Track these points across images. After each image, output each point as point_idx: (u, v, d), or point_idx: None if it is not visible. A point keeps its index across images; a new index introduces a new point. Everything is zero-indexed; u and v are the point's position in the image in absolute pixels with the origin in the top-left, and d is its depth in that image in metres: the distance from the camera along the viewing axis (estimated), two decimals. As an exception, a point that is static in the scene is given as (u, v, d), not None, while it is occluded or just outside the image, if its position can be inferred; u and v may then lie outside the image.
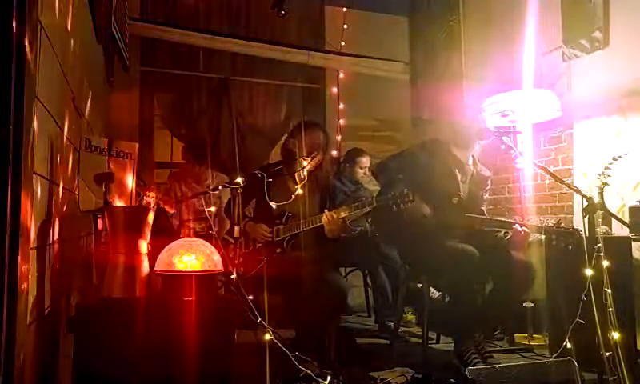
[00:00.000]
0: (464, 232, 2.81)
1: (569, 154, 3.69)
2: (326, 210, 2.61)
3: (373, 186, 3.86)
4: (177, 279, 1.65)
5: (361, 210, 2.58)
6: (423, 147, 2.95)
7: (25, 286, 1.25)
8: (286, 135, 3.02)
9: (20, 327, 1.20)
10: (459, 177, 2.84)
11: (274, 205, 2.68)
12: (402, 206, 2.48)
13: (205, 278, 1.66)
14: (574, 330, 2.24)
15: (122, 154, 2.13)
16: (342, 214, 2.56)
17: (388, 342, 3.19)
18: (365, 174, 4.06)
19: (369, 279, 3.81)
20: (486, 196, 3.00)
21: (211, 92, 4.99)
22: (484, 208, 2.98)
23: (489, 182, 2.99)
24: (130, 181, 2.11)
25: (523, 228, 2.63)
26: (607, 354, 2.09)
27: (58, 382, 1.79)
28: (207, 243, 1.77)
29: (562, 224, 2.60)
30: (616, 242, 2.69)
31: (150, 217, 1.71)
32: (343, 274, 3.72)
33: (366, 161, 4.10)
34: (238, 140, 5.00)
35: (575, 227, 2.60)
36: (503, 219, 3.02)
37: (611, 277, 2.11)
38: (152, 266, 1.72)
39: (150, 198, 1.80)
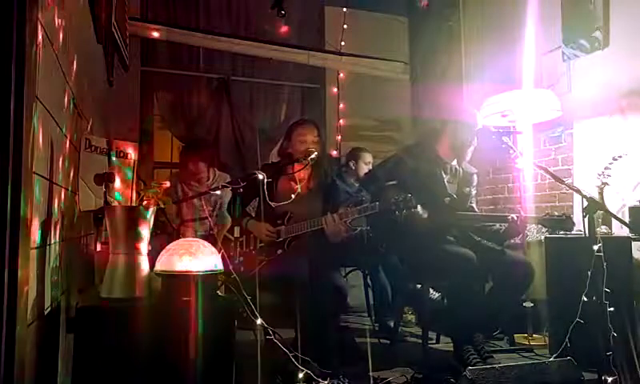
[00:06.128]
0: (460, 232, 2.81)
1: (569, 154, 3.69)
2: (328, 214, 2.61)
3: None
4: (177, 279, 1.65)
5: (363, 214, 2.58)
6: (408, 152, 2.96)
7: (25, 286, 1.25)
8: (282, 138, 3.02)
9: (20, 327, 1.20)
10: (445, 178, 2.85)
11: (274, 205, 2.68)
12: (404, 211, 2.49)
13: (205, 278, 1.66)
14: (574, 330, 2.24)
15: (122, 154, 2.13)
16: (345, 218, 2.57)
17: (388, 342, 3.19)
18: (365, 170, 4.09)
19: (369, 279, 3.81)
20: (474, 192, 3.01)
21: (211, 92, 4.99)
22: (474, 205, 2.99)
23: (475, 178, 3.00)
24: (130, 181, 2.11)
25: (518, 216, 2.64)
26: (607, 353, 2.09)
27: (57, 382, 1.79)
28: (207, 243, 1.77)
29: (556, 213, 2.63)
30: (616, 241, 2.69)
31: (150, 217, 1.71)
32: (343, 274, 3.72)
33: (369, 156, 4.17)
34: (238, 140, 5.00)
35: (568, 215, 2.62)
36: (496, 214, 3.03)
37: (611, 277, 2.11)
38: (152, 265, 1.71)
39: (150, 198, 1.80)
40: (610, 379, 2.08)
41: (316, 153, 2.75)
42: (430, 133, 3.00)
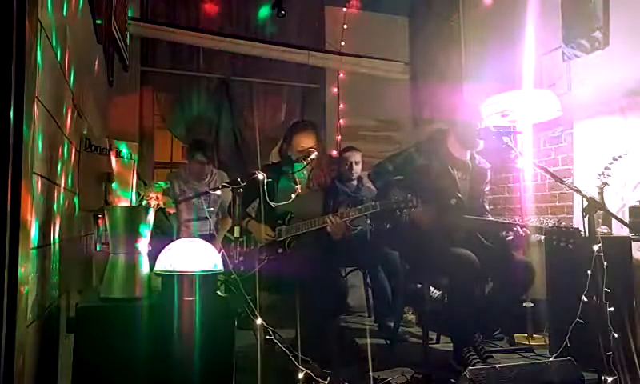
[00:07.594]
0: (464, 233, 2.81)
1: (569, 154, 3.69)
2: (330, 215, 2.62)
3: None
4: (177, 279, 1.65)
5: (364, 213, 2.59)
6: (419, 148, 2.94)
7: (25, 286, 1.25)
8: (282, 139, 3.02)
9: (20, 327, 1.20)
10: (458, 175, 2.83)
11: (273, 205, 2.68)
12: (405, 210, 2.50)
13: (205, 278, 1.66)
14: (574, 330, 2.24)
15: (122, 154, 2.13)
16: (345, 218, 2.58)
17: (388, 341, 3.18)
18: (354, 169, 4.07)
19: (369, 279, 3.81)
20: (487, 189, 3.00)
21: (211, 92, 4.99)
22: (486, 204, 2.97)
23: (488, 173, 2.99)
24: (130, 181, 2.11)
25: (524, 229, 2.64)
26: (607, 353, 2.09)
27: (57, 383, 1.79)
28: (207, 243, 1.77)
29: (563, 224, 2.60)
30: (616, 241, 2.69)
31: (150, 217, 1.71)
32: (343, 274, 3.72)
33: (352, 155, 4.11)
34: (238, 140, 5.00)
35: (576, 226, 2.60)
36: (503, 221, 3.02)
37: (611, 277, 2.11)
38: (152, 265, 1.71)
39: (151, 198, 1.80)
40: (609, 379, 2.08)
41: (316, 153, 2.76)
42: (439, 130, 2.99)
